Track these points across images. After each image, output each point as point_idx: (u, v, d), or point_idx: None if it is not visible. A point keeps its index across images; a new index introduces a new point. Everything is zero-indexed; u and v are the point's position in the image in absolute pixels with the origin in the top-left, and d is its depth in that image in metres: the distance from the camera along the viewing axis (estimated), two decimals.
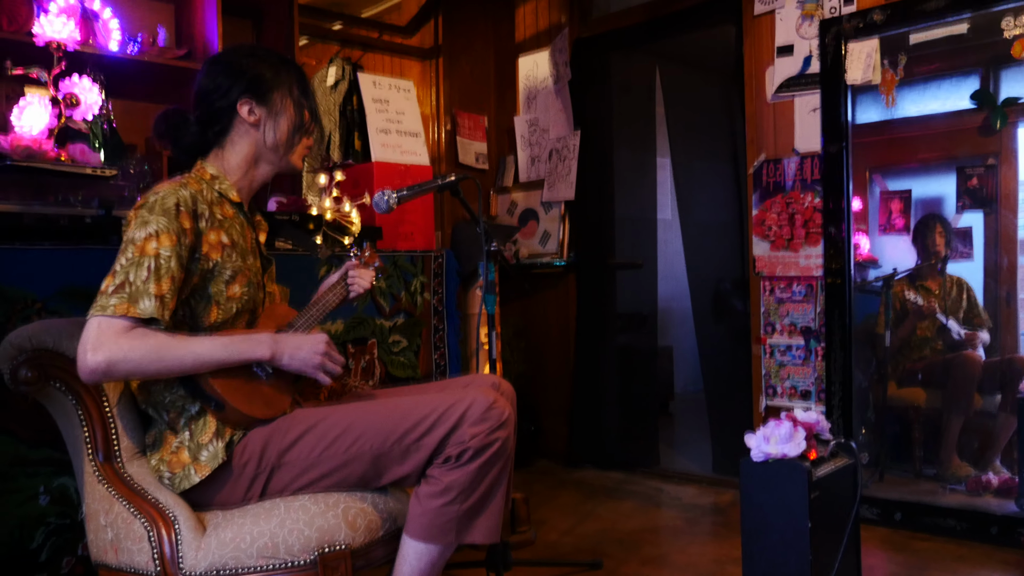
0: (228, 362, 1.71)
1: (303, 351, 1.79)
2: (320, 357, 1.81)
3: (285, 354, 1.78)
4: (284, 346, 1.78)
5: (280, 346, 1.78)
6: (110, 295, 1.61)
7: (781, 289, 3.62)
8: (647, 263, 4.46)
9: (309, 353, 1.80)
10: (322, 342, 1.82)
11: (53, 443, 2.10)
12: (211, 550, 1.66)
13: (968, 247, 3.74)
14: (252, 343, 1.75)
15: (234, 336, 1.74)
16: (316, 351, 1.80)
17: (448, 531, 1.73)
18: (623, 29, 4.37)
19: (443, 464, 1.73)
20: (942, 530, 3.16)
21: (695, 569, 2.87)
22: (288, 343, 1.79)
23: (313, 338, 1.82)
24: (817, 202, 3.50)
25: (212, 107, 1.86)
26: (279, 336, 1.80)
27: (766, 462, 2.09)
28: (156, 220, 1.67)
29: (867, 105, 3.55)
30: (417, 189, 2.38)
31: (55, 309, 2.19)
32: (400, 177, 3.42)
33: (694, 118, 4.39)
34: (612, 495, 3.86)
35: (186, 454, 1.75)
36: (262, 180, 1.96)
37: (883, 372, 3.74)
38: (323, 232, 2.91)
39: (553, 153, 4.56)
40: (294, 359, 1.79)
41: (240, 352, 1.73)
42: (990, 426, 3.51)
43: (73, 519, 2.19)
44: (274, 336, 1.79)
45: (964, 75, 3.63)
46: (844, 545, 2.17)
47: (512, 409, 1.87)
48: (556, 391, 4.60)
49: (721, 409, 4.14)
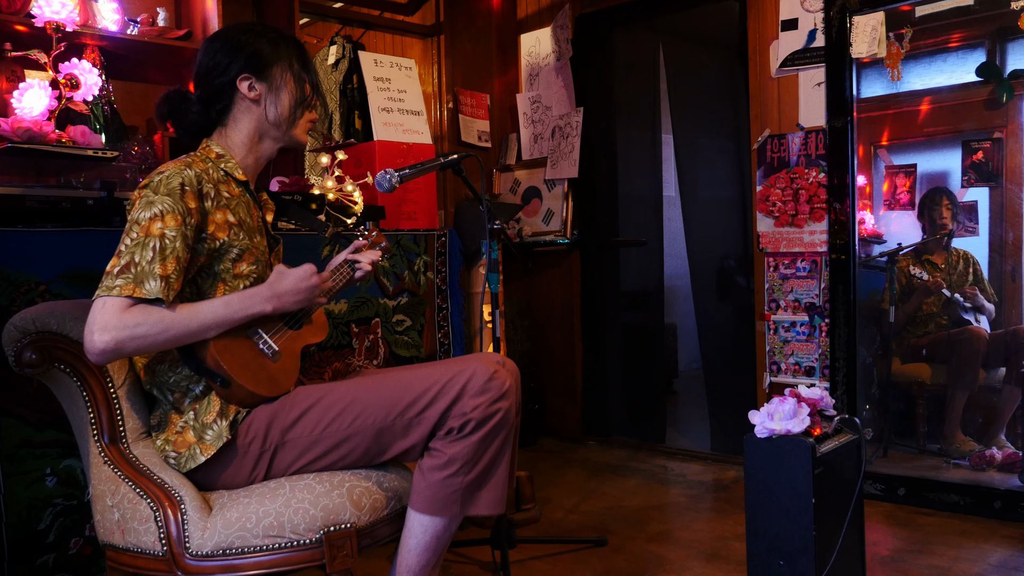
0: (231, 319, 1.72)
1: (301, 292, 1.82)
2: (316, 289, 1.85)
3: (287, 302, 1.80)
4: (283, 296, 1.79)
5: (280, 298, 1.79)
6: (116, 276, 1.62)
7: (785, 265, 3.61)
8: (652, 241, 4.45)
9: (307, 291, 1.83)
10: (312, 275, 1.84)
11: (59, 425, 2.11)
12: (217, 530, 1.67)
13: (974, 222, 3.72)
14: (251, 299, 1.75)
15: (233, 294, 1.75)
16: (311, 284, 1.83)
17: (453, 503, 1.74)
18: (625, 5, 4.33)
19: (445, 436, 1.74)
20: (946, 505, 3.17)
21: (699, 545, 2.89)
22: (285, 290, 1.79)
23: (302, 274, 1.83)
24: (821, 178, 3.49)
25: (212, 85, 1.86)
26: (275, 288, 1.79)
27: (770, 438, 2.10)
28: (161, 201, 1.67)
29: (872, 79, 3.53)
30: (420, 168, 2.37)
31: (58, 292, 2.19)
32: (402, 156, 3.41)
33: (697, 94, 4.36)
34: (617, 473, 3.87)
35: (191, 434, 1.75)
36: (267, 157, 1.96)
37: (887, 348, 3.74)
38: (326, 212, 2.91)
39: (556, 131, 4.54)
40: (298, 302, 1.82)
41: (241, 308, 1.73)
42: (994, 401, 3.51)
43: (80, 500, 2.20)
44: (271, 289, 1.79)
45: (970, 48, 3.59)
46: (848, 520, 2.17)
47: (515, 384, 1.87)
48: (560, 369, 4.61)
49: (722, 387, 4.14)
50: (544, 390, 4.64)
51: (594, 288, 4.49)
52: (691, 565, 2.71)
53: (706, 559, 2.76)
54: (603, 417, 4.46)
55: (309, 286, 1.83)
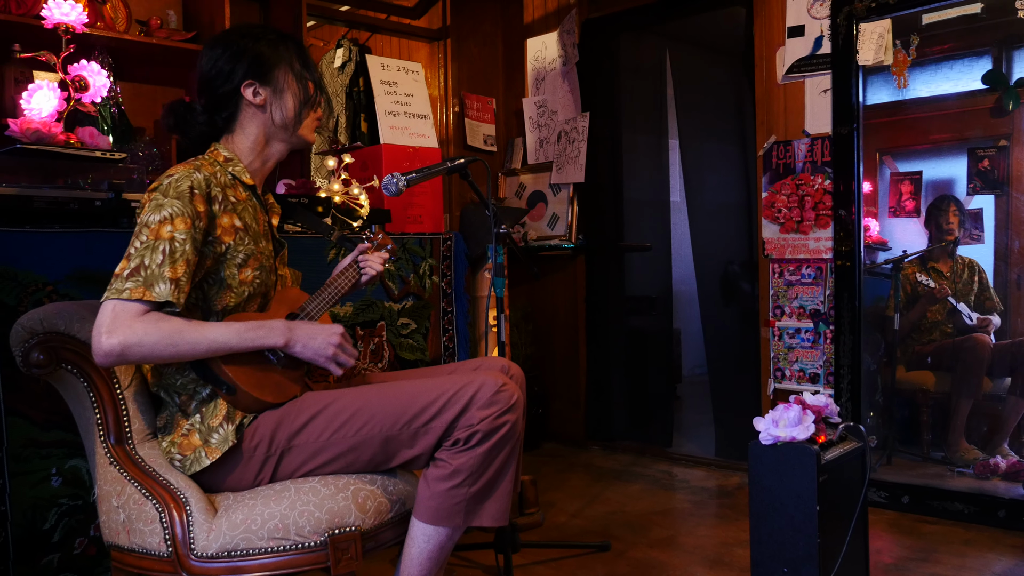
0: (241, 348, 1.71)
1: (317, 341, 1.78)
2: (333, 348, 1.79)
3: (299, 343, 1.77)
4: (298, 335, 1.77)
5: (294, 335, 1.77)
6: (125, 279, 1.62)
7: (790, 272, 3.61)
8: (658, 246, 4.45)
9: (323, 344, 1.79)
10: (336, 333, 1.80)
11: (65, 425, 2.11)
12: (222, 532, 1.67)
13: (979, 229, 3.72)
14: (266, 330, 1.74)
15: (248, 323, 1.74)
16: (330, 342, 1.79)
17: (456, 514, 1.74)
18: (632, 10, 4.34)
19: (452, 447, 1.74)
20: (950, 513, 3.16)
21: (703, 551, 2.89)
22: (302, 332, 1.78)
23: (327, 328, 1.81)
24: (827, 184, 3.49)
25: (217, 94, 1.86)
26: (293, 324, 1.78)
27: (775, 445, 2.10)
28: (170, 204, 1.67)
29: (878, 86, 3.53)
30: (426, 172, 2.38)
31: (66, 292, 2.20)
32: (408, 159, 3.41)
33: (703, 100, 4.36)
34: (620, 478, 3.87)
35: (197, 437, 1.76)
36: (276, 159, 1.96)
37: (892, 355, 3.74)
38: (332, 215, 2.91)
39: (562, 135, 4.54)
40: (307, 348, 1.78)
41: (254, 339, 1.72)
42: (999, 410, 3.51)
43: (85, 500, 2.21)
44: (288, 324, 1.78)
45: (976, 56, 3.60)
46: (852, 528, 2.17)
47: (521, 392, 1.87)
48: (564, 374, 4.61)
49: (726, 393, 4.14)
50: (548, 394, 4.64)
51: (599, 293, 4.49)
52: (694, 571, 2.71)
53: (709, 565, 2.76)
54: (607, 422, 4.46)
55: (327, 342, 1.78)
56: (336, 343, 1.80)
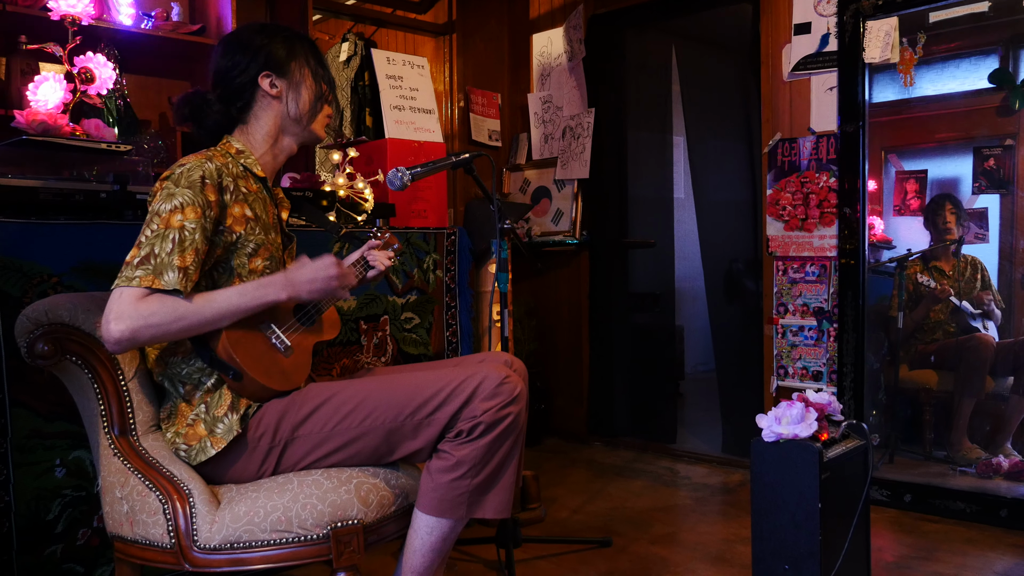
0: (246, 307, 1.72)
1: (318, 282, 1.81)
2: (335, 281, 1.83)
3: (302, 291, 1.79)
4: (299, 285, 1.79)
5: (295, 287, 1.78)
6: (135, 267, 1.63)
7: (794, 270, 3.61)
8: (662, 242, 4.45)
9: (324, 281, 1.81)
10: (330, 265, 1.82)
11: (69, 416, 2.12)
12: (225, 524, 1.67)
13: (984, 228, 3.71)
14: (267, 287, 1.75)
15: (249, 283, 1.75)
16: (329, 275, 1.81)
17: (459, 506, 1.75)
18: (638, 6, 4.33)
19: (455, 439, 1.75)
20: (951, 512, 3.16)
21: (704, 548, 2.89)
22: (301, 279, 1.79)
23: (319, 265, 1.82)
24: (832, 182, 3.48)
25: (232, 84, 1.88)
26: (291, 275, 1.79)
27: (777, 442, 2.10)
28: (181, 193, 1.69)
29: (884, 84, 3.52)
30: (431, 166, 2.38)
31: (71, 284, 2.20)
32: (413, 154, 3.41)
33: (709, 96, 4.35)
34: (622, 474, 3.87)
35: (202, 427, 1.76)
36: (287, 154, 1.98)
37: (895, 354, 3.73)
38: (336, 209, 2.92)
39: (567, 131, 4.54)
40: (314, 292, 1.81)
41: (257, 297, 1.73)
42: (1001, 409, 3.50)
43: (89, 491, 2.21)
44: (286, 276, 1.79)
45: (983, 54, 3.58)
46: (854, 526, 2.17)
47: (524, 385, 1.88)
48: (567, 369, 4.61)
49: (733, 390, 4.14)
50: (551, 390, 4.65)
51: (602, 289, 4.49)
52: (696, 568, 2.71)
53: (711, 562, 2.76)
54: (609, 418, 4.46)
55: (327, 276, 1.81)
56: (334, 274, 1.82)
